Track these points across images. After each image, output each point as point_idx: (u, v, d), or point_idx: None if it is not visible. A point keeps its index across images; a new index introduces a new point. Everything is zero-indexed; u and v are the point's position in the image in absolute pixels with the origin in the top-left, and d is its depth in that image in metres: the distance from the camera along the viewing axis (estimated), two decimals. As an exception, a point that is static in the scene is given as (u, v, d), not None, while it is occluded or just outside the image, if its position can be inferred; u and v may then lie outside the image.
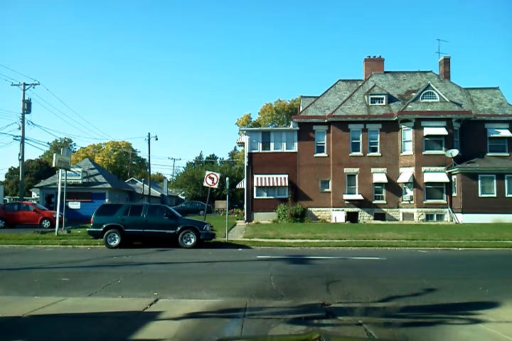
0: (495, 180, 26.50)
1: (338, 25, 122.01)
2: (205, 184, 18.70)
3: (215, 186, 19.11)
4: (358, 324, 5.42)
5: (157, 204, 20.23)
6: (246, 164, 29.83)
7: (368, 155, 28.89)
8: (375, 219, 28.05)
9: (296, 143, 29.45)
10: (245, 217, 29.24)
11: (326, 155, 29.20)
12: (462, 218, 26.29)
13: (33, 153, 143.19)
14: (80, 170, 34.18)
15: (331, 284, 8.37)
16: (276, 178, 28.82)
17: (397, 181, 28.50)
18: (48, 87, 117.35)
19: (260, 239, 17.54)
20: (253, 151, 29.53)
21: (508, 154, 28.52)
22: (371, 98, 29.89)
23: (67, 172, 21.55)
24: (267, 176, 28.91)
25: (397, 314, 6.19)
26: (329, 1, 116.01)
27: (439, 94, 29.12)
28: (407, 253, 14.15)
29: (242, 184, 30.82)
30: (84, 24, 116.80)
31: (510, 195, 26.30)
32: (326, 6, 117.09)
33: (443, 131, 27.81)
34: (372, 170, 28.71)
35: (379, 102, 29.87)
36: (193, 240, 14.91)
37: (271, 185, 28.71)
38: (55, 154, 20.43)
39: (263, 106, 67.09)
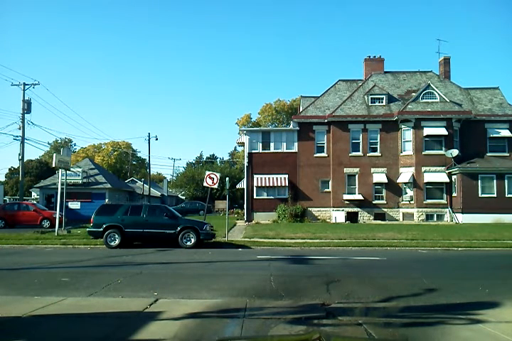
0: (495, 180, 26.50)
1: (338, 26, 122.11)
2: (205, 184, 18.69)
3: (215, 186, 19.10)
4: (358, 324, 5.42)
5: (157, 204, 20.23)
6: (246, 164, 29.83)
7: (368, 155, 28.89)
8: (375, 219, 28.06)
9: (296, 143, 29.45)
10: (245, 217, 29.23)
11: (326, 155, 29.20)
12: (462, 218, 26.29)
13: (33, 153, 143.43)
14: (80, 170, 34.17)
15: (331, 284, 8.37)
16: (276, 178, 28.82)
17: (397, 181, 28.50)
18: (48, 87, 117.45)
19: (260, 239, 17.52)
20: (253, 151, 29.53)
21: (508, 154, 28.53)
22: (371, 98, 29.89)
23: (67, 172, 21.55)
24: (267, 176, 28.91)
25: (397, 314, 6.18)
26: (329, 1, 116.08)
27: (439, 94, 29.12)
28: (407, 253, 14.14)
29: (242, 184, 30.82)
30: (84, 27, 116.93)
31: (510, 195, 26.29)
32: (326, 6, 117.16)
33: (443, 131, 27.81)
34: (372, 170, 28.71)
35: (379, 102, 29.87)
36: (193, 240, 14.90)
37: (271, 185, 28.71)
38: (55, 154, 20.43)
39: (263, 106, 67.12)
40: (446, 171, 27.66)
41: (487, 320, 5.64)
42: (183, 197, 63.36)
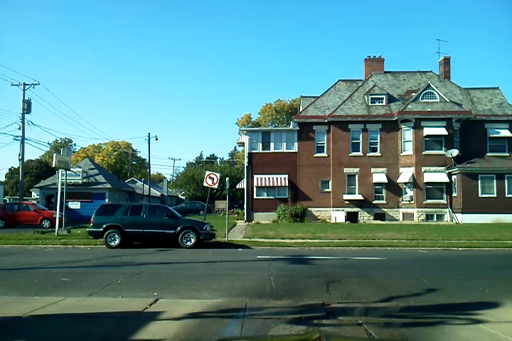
0: (495, 180, 26.50)
1: (338, 26, 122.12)
2: (205, 184, 18.69)
3: (215, 186, 19.10)
4: (358, 324, 5.42)
5: (157, 204, 20.21)
6: (246, 164, 29.84)
7: (368, 155, 28.89)
8: (375, 219, 28.06)
9: (296, 143, 29.46)
10: (245, 217, 29.24)
11: (326, 155, 29.20)
12: (462, 218, 26.29)
13: (33, 153, 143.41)
14: (80, 170, 34.17)
15: (331, 284, 8.36)
16: (276, 178, 28.83)
17: (397, 181, 28.50)
18: (48, 87, 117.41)
19: (260, 239, 17.52)
20: (253, 151, 29.53)
21: (508, 154, 28.53)
22: (371, 98, 29.89)
23: (67, 172, 21.53)
24: (267, 176, 28.91)
25: (397, 314, 6.18)
26: (329, 1, 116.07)
27: (439, 94, 29.12)
28: (407, 253, 14.14)
29: (242, 184, 30.82)
30: (84, 27, 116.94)
31: (510, 195, 26.29)
32: (326, 6, 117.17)
33: (443, 131, 27.82)
34: (372, 170, 28.71)
35: (379, 102, 29.87)
36: (193, 240, 14.90)
37: (271, 185, 28.71)
38: (55, 154, 20.42)
39: (263, 106, 67.11)
40: (446, 171, 27.66)
41: (487, 320, 5.64)
42: (183, 197, 63.34)
